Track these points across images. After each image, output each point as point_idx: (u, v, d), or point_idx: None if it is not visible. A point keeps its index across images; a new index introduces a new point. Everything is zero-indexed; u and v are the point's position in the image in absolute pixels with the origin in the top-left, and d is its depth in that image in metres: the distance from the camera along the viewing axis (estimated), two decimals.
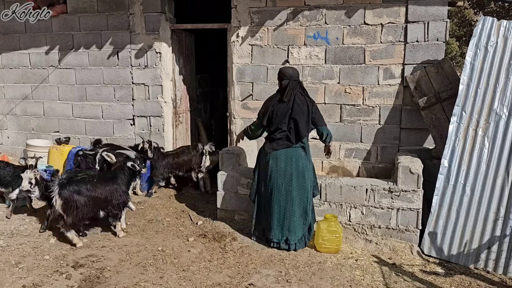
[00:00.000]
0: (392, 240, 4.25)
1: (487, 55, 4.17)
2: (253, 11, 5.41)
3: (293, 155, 4.05)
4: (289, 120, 4.01)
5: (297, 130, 4.00)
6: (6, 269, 3.61)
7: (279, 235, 4.12)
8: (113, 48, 6.06)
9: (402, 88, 5.06)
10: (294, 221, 4.08)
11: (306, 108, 4.00)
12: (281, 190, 4.07)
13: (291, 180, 4.05)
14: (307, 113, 4.00)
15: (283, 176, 4.05)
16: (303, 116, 3.99)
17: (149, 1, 5.80)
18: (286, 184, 4.06)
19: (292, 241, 4.10)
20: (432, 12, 4.84)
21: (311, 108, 4.02)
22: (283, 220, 4.10)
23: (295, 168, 4.04)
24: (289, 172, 4.04)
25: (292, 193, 4.06)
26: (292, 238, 4.09)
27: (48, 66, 6.41)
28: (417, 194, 4.16)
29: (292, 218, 4.08)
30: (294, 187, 4.06)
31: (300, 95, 4.04)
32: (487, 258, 3.92)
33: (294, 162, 4.04)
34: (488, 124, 4.06)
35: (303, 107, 4.00)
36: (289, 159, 4.04)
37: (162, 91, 5.95)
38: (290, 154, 4.05)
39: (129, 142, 6.18)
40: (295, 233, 4.09)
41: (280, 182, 4.06)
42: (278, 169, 4.06)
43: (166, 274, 3.64)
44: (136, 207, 5.27)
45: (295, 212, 4.08)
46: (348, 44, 5.16)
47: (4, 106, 6.77)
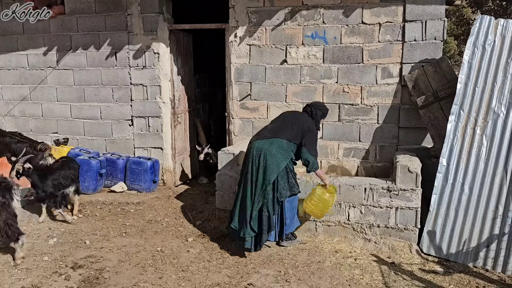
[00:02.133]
0: (391, 239, 4.26)
1: (485, 53, 4.18)
2: (251, 11, 5.41)
3: (265, 148, 3.93)
4: (282, 119, 4.13)
5: (285, 128, 4.04)
6: (5, 270, 3.60)
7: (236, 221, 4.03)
8: (111, 49, 6.05)
9: (400, 87, 5.07)
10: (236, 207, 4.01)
11: (306, 126, 4.07)
12: (247, 177, 3.98)
13: (258, 172, 3.93)
14: (304, 130, 4.04)
15: (251, 161, 3.96)
16: (298, 128, 4.04)
17: (147, 2, 5.80)
18: (251, 174, 3.95)
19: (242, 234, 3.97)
20: (430, 11, 4.85)
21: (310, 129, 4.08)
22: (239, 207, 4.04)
23: (258, 161, 3.92)
24: (256, 164, 3.93)
25: (246, 184, 3.97)
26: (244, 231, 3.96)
27: (46, 67, 6.40)
28: (416, 193, 4.16)
29: (236, 205, 4.02)
30: (253, 179, 3.93)
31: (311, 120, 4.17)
32: (486, 257, 3.93)
33: (263, 154, 3.91)
34: (486, 123, 4.07)
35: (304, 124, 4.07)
36: (259, 149, 3.95)
37: (160, 91, 5.94)
38: (263, 146, 3.94)
39: (128, 142, 6.19)
40: (235, 221, 3.99)
41: (247, 167, 4.00)
42: (249, 155, 4.02)
43: (165, 274, 3.64)
44: (135, 207, 5.27)
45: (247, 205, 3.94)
46: (346, 43, 5.16)
47: (2, 107, 6.76)
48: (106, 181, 5.90)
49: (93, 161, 5.57)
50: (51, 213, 4.93)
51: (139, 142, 6.15)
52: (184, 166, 6.49)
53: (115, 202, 5.39)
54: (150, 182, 5.81)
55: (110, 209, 5.21)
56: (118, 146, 6.24)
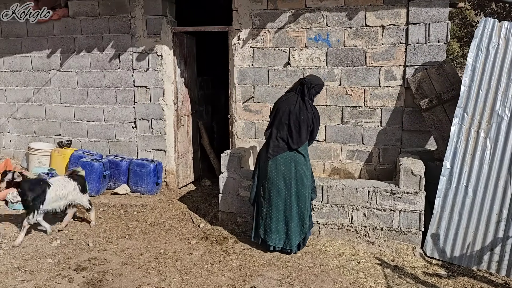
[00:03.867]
0: (394, 242, 4.25)
1: (489, 56, 4.17)
2: (254, 14, 5.42)
3: (292, 160, 4.03)
4: (289, 123, 4.01)
5: (298, 135, 4.01)
6: (8, 273, 3.61)
7: (276, 239, 4.10)
8: (114, 51, 6.07)
9: (403, 89, 5.06)
10: (292, 227, 4.06)
11: (311, 117, 4.04)
12: (281, 194, 4.06)
13: (290, 185, 4.04)
14: (310, 124, 4.04)
15: (282, 180, 4.04)
16: (304, 123, 4.00)
17: (150, 4, 5.81)
18: (286, 189, 4.04)
19: (289, 247, 4.09)
20: (433, 14, 4.84)
21: (315, 120, 4.09)
22: (281, 225, 4.09)
23: (294, 173, 4.03)
24: (288, 177, 4.03)
25: (291, 198, 4.05)
26: (289, 244, 4.08)
27: (50, 70, 6.43)
28: (419, 196, 4.15)
29: (290, 224, 4.06)
30: (293, 192, 4.04)
31: (309, 103, 4.08)
32: (490, 260, 3.91)
33: (293, 167, 4.03)
34: (490, 126, 4.06)
35: (308, 115, 4.02)
36: (288, 163, 4.03)
37: (163, 93, 5.95)
38: (290, 159, 4.03)
39: (131, 145, 6.20)
40: (292, 239, 4.07)
41: (280, 186, 4.05)
42: (278, 173, 4.04)
43: (168, 277, 3.64)
44: (138, 209, 5.28)
45: (293, 218, 4.06)
46: (349, 46, 5.16)
47: (6, 109, 6.79)
48: (109, 183, 5.91)
49: (96, 163, 5.58)
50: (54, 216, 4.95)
51: (142, 144, 6.16)
52: (187, 168, 6.49)
53: (118, 204, 5.40)
54: (153, 184, 5.81)
55: (113, 211, 5.22)
56: (121, 148, 6.26)
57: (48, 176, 5.26)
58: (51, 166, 6.11)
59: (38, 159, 6.25)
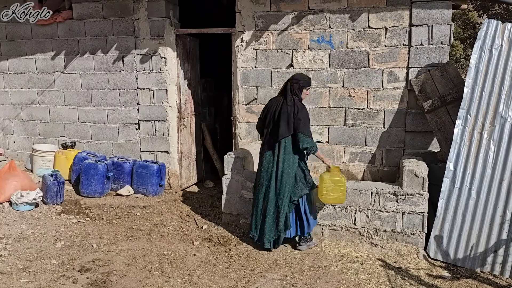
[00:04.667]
0: (397, 243, 4.24)
1: (492, 58, 4.17)
2: (257, 16, 5.44)
3: (275, 156, 4.13)
4: (274, 120, 4.16)
5: (277, 128, 4.10)
6: (13, 274, 3.63)
7: (254, 231, 4.24)
8: (118, 53, 6.10)
9: (406, 91, 5.06)
10: (267, 222, 4.15)
11: (290, 109, 4.07)
12: (261, 189, 4.20)
13: (269, 181, 4.14)
14: (289, 115, 4.07)
15: (265, 176, 4.17)
16: (284, 115, 4.08)
17: (154, 7, 5.84)
18: (266, 185, 4.16)
19: (261, 242, 4.19)
20: (436, 16, 4.84)
21: (295, 111, 4.06)
22: (259, 219, 4.21)
23: (275, 169, 4.12)
24: (269, 173, 4.15)
25: (269, 194, 4.14)
26: (262, 238, 4.18)
27: (54, 72, 6.46)
28: (423, 197, 4.15)
29: (265, 219, 4.16)
30: (272, 188, 4.13)
31: (291, 97, 4.13)
32: (493, 262, 3.90)
33: (275, 163, 4.12)
34: (494, 127, 4.05)
35: (288, 108, 4.09)
36: (271, 159, 4.15)
37: (167, 95, 5.98)
38: (273, 155, 4.15)
39: (134, 146, 6.22)
40: (266, 234, 4.15)
41: (262, 181, 4.19)
42: (262, 168, 4.21)
43: (172, 278, 3.65)
44: (142, 211, 5.30)
45: (269, 214, 4.15)
46: (352, 47, 5.17)
47: (10, 111, 6.83)
48: (113, 185, 5.93)
49: (100, 165, 5.60)
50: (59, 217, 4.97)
51: (146, 146, 6.18)
52: (190, 170, 6.51)
53: (122, 206, 5.42)
54: (157, 186, 5.83)
55: (116, 213, 5.24)
56: (124, 149, 6.28)
57: (52, 177, 5.29)
58: (55, 167, 6.15)
59: (42, 161, 6.28)
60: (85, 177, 5.60)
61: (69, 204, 5.38)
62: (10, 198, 5.10)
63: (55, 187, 5.24)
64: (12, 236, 4.40)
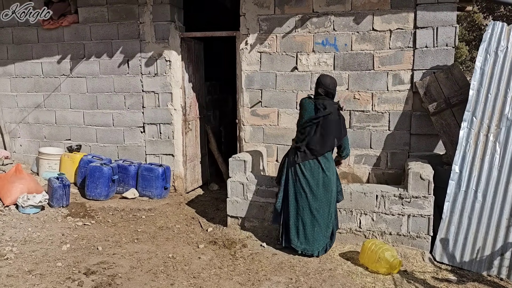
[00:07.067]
0: (403, 246, 4.22)
1: (497, 60, 4.16)
2: (261, 19, 5.45)
3: (319, 166, 4.10)
4: (317, 130, 4.09)
5: (324, 141, 4.08)
6: (19, 276, 3.65)
7: (303, 244, 4.14)
8: (123, 57, 6.14)
9: (411, 93, 5.05)
10: (317, 232, 4.11)
11: (337, 118, 4.14)
12: (307, 200, 4.11)
13: (317, 191, 4.09)
14: (337, 125, 4.14)
15: (309, 187, 4.09)
16: (332, 128, 4.10)
17: (159, 10, 5.87)
18: (312, 195, 4.10)
19: (315, 250, 4.13)
20: (441, 18, 4.83)
21: (342, 122, 4.21)
22: (308, 230, 4.12)
23: (322, 179, 4.09)
24: (314, 183, 4.09)
25: (316, 204, 4.10)
26: (315, 248, 4.12)
27: (60, 75, 6.51)
28: (428, 200, 4.13)
29: (314, 228, 4.11)
30: (319, 198, 4.09)
31: (330, 106, 4.15)
32: (500, 265, 3.87)
33: (320, 173, 4.09)
34: (499, 130, 4.03)
35: (334, 117, 4.11)
36: (316, 169, 4.09)
37: (171, 98, 6.00)
38: (317, 165, 4.10)
39: (139, 149, 6.24)
40: (318, 243, 4.12)
41: (306, 192, 4.10)
42: (305, 179, 4.11)
43: (177, 281, 3.65)
44: (147, 214, 5.31)
45: (319, 223, 4.10)
46: (357, 50, 5.17)
47: (17, 114, 6.88)
48: (118, 188, 5.95)
49: (105, 168, 5.63)
50: (65, 220, 5.00)
51: (151, 149, 6.20)
52: (195, 173, 6.52)
53: (127, 209, 5.44)
54: (162, 189, 5.84)
55: (122, 216, 5.26)
56: (130, 152, 6.31)
57: (58, 180, 5.32)
58: (61, 170, 6.18)
59: (48, 164, 6.31)
60: (90, 180, 5.63)
61: (75, 207, 5.40)
62: (16, 201, 5.13)
63: (61, 190, 5.27)
64: (18, 239, 4.43)
